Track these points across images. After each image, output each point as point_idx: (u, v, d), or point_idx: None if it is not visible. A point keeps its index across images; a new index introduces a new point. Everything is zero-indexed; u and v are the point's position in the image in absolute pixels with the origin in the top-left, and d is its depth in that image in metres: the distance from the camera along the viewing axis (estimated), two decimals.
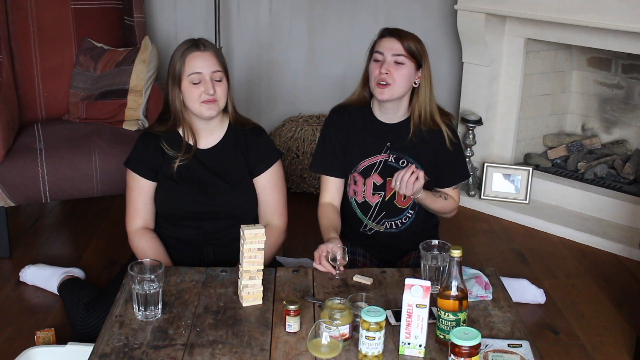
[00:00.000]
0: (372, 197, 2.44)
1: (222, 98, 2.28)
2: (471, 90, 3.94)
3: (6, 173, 2.98)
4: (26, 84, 3.47)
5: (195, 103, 2.25)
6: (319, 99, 4.31)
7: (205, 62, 2.24)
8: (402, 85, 2.31)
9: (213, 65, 2.25)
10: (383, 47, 2.31)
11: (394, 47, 2.29)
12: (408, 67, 2.30)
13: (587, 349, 2.60)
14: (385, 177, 2.41)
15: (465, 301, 1.78)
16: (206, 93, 2.23)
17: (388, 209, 2.44)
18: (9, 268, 3.08)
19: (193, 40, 2.29)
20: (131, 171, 2.33)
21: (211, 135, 2.36)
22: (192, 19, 4.23)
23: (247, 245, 1.91)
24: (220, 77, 2.27)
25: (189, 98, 2.26)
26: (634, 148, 3.94)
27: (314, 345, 1.72)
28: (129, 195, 2.36)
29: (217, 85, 2.26)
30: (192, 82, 2.24)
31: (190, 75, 2.23)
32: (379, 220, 2.46)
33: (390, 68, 2.29)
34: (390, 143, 2.40)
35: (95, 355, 1.74)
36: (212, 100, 2.24)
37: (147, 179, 2.32)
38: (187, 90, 2.25)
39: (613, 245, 3.39)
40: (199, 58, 2.24)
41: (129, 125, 3.35)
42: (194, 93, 2.24)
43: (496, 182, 3.86)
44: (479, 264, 3.15)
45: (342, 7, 4.29)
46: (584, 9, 3.30)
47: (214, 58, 2.26)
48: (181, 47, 2.28)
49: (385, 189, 2.42)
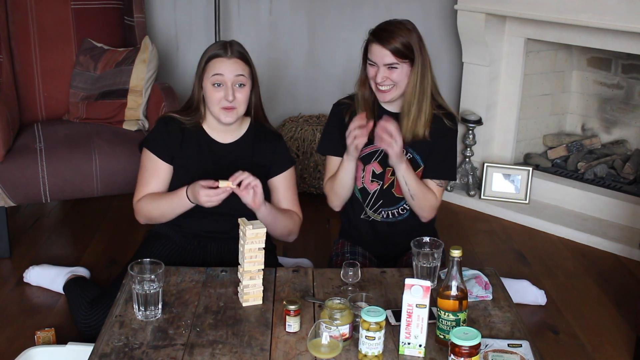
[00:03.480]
0: (371, 185, 2.45)
1: (243, 104, 2.29)
2: (471, 90, 3.94)
3: (6, 173, 2.98)
4: (26, 84, 3.47)
5: (215, 107, 2.28)
6: (319, 99, 4.31)
7: (228, 68, 2.26)
8: (402, 83, 2.32)
9: (237, 70, 2.26)
10: (374, 56, 2.31)
11: (384, 56, 2.28)
12: (402, 67, 2.30)
13: (587, 349, 2.60)
14: (385, 167, 2.41)
15: (465, 301, 1.78)
16: (226, 99, 2.25)
17: (385, 197, 2.45)
18: (9, 268, 3.08)
19: (223, 44, 2.30)
20: (148, 151, 2.34)
21: (230, 135, 2.39)
22: (192, 19, 4.23)
23: (248, 245, 1.91)
24: (243, 81, 2.28)
25: (210, 100, 2.28)
26: (634, 148, 3.94)
27: (314, 345, 1.72)
28: (141, 174, 2.35)
29: (238, 90, 2.27)
30: (213, 83, 2.26)
31: (212, 76, 2.26)
32: (376, 208, 2.47)
33: (386, 74, 2.30)
34: None
35: (95, 355, 1.74)
36: (231, 107, 2.26)
37: (164, 161, 2.33)
38: (208, 91, 2.28)
39: (613, 245, 3.39)
40: (224, 63, 2.26)
41: (129, 125, 3.35)
42: (215, 96, 2.26)
43: (496, 182, 3.86)
44: (479, 264, 3.15)
45: (342, 7, 4.29)
46: (584, 9, 3.30)
47: (239, 64, 2.27)
48: (211, 48, 2.31)
49: (384, 178, 2.43)
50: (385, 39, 2.29)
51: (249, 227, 1.90)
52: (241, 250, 1.94)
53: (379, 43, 2.29)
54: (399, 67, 2.29)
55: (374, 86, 2.34)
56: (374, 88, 2.34)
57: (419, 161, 2.41)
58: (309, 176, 3.84)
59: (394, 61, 2.28)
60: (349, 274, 2.05)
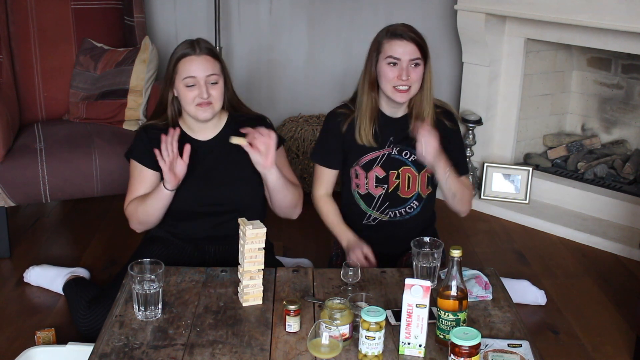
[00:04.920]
0: (375, 190, 2.45)
1: (218, 100, 2.29)
2: (471, 90, 3.94)
3: (6, 173, 2.98)
4: (26, 84, 3.47)
5: (190, 106, 2.27)
6: (319, 99, 4.31)
7: (200, 67, 2.24)
8: (418, 84, 2.33)
9: (207, 69, 2.25)
10: (398, 52, 2.28)
11: (411, 52, 2.28)
12: (421, 66, 2.32)
13: (587, 349, 2.60)
14: (388, 170, 2.41)
15: (465, 301, 1.78)
16: (200, 97, 2.24)
17: (392, 199, 2.45)
18: (9, 268, 3.08)
19: (190, 43, 2.29)
20: (134, 161, 2.34)
21: (210, 131, 2.37)
22: (192, 19, 4.23)
23: (248, 245, 1.91)
24: (216, 79, 2.27)
25: (184, 100, 2.27)
26: (634, 148, 3.94)
27: (314, 345, 1.72)
28: (130, 183, 2.36)
29: (212, 88, 2.26)
30: (187, 85, 2.25)
31: (184, 79, 2.24)
32: (383, 209, 2.47)
33: (409, 72, 2.29)
34: (393, 137, 2.41)
35: (95, 355, 1.74)
36: (206, 103, 2.25)
37: (149, 167, 2.32)
38: (182, 92, 2.26)
39: (613, 245, 3.39)
40: (195, 62, 2.24)
41: (129, 125, 3.35)
42: (189, 96, 2.25)
43: (496, 182, 3.86)
44: (479, 264, 3.15)
45: (342, 7, 4.29)
46: (584, 9, 3.30)
47: (209, 62, 2.26)
48: (178, 49, 2.29)
49: (388, 182, 2.43)
50: (407, 35, 2.29)
51: (249, 227, 1.90)
52: (241, 250, 1.94)
53: (403, 39, 2.28)
54: (420, 64, 2.30)
55: (390, 87, 2.32)
56: (389, 89, 2.32)
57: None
58: (309, 176, 3.84)
59: (419, 56, 2.28)
60: (349, 274, 2.05)
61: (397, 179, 2.42)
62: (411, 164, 2.42)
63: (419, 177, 2.43)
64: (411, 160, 2.41)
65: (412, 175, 2.43)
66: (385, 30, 2.34)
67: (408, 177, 2.43)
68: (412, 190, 2.44)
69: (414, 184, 2.43)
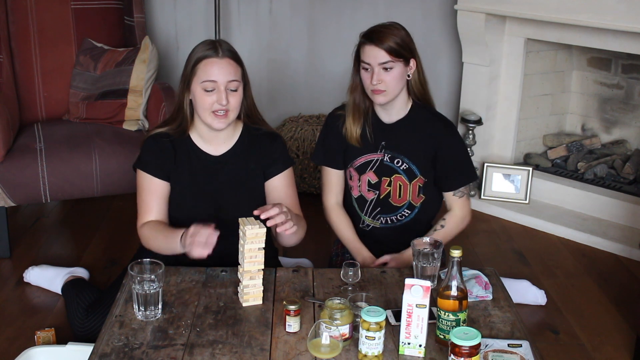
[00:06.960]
0: (368, 193, 2.45)
1: (235, 109, 2.15)
2: (471, 90, 3.94)
3: (6, 173, 2.98)
4: (26, 84, 3.47)
5: (205, 112, 2.13)
6: (319, 99, 4.31)
7: (221, 71, 2.10)
8: (396, 87, 2.30)
9: (229, 74, 2.11)
10: (368, 58, 2.28)
11: (378, 56, 2.26)
12: (397, 68, 2.28)
13: (587, 349, 2.60)
14: (381, 177, 2.42)
15: (465, 301, 1.78)
16: (219, 103, 2.10)
17: (383, 205, 2.45)
18: (9, 268, 3.08)
19: (212, 43, 2.14)
20: (142, 172, 2.20)
21: (223, 143, 2.25)
22: (192, 19, 4.23)
23: (247, 245, 1.91)
24: (236, 86, 2.13)
25: (200, 105, 2.13)
26: (634, 148, 3.94)
27: (314, 345, 1.72)
28: (140, 195, 2.22)
29: (232, 95, 2.12)
30: (205, 89, 2.11)
31: (203, 82, 2.11)
32: (374, 215, 2.47)
33: (381, 76, 2.27)
34: (385, 142, 2.40)
35: (95, 355, 1.74)
36: (223, 111, 2.12)
37: (160, 178, 2.20)
38: (199, 96, 2.12)
39: (613, 245, 3.39)
40: (216, 65, 2.10)
41: (129, 125, 3.35)
42: (206, 101, 2.11)
43: (496, 182, 3.86)
44: (479, 264, 3.15)
45: (342, 7, 4.29)
46: (584, 9, 3.30)
47: (231, 66, 2.12)
48: (198, 49, 2.15)
49: (380, 187, 2.43)
50: (378, 39, 2.26)
51: (248, 227, 1.90)
52: (241, 250, 1.94)
53: (372, 43, 2.27)
54: (393, 67, 2.27)
55: (369, 91, 2.31)
56: (369, 93, 2.32)
57: (415, 171, 2.40)
58: (309, 176, 3.84)
59: (388, 59, 2.26)
60: (349, 274, 2.05)
61: (388, 186, 2.42)
62: (403, 173, 2.41)
63: (410, 187, 2.42)
64: (403, 169, 2.41)
65: (404, 184, 2.42)
66: (362, 33, 2.33)
67: (399, 185, 2.42)
68: (403, 199, 2.43)
69: (405, 192, 2.42)
